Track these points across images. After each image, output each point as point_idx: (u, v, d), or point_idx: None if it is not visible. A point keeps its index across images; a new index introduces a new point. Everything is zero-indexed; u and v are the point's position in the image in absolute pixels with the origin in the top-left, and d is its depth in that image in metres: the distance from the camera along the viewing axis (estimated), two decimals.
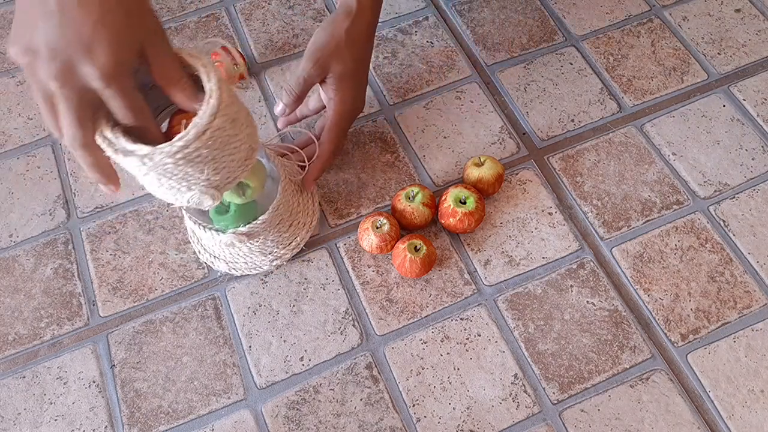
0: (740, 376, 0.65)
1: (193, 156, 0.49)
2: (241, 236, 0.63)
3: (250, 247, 0.67)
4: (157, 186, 0.51)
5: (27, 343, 0.68)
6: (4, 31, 0.90)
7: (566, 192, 0.75)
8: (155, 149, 0.47)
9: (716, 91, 0.82)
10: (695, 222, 0.73)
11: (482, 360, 0.66)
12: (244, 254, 0.68)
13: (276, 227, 0.67)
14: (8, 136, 0.81)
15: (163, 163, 0.48)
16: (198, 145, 0.48)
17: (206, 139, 0.48)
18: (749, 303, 0.69)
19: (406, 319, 0.68)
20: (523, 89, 0.83)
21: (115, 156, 0.48)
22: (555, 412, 0.64)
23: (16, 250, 0.74)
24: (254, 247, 0.67)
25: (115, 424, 0.64)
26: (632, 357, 0.66)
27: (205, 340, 0.68)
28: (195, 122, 0.48)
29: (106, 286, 0.71)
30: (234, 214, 0.62)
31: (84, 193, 0.77)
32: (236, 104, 0.52)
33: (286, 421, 0.64)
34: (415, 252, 0.67)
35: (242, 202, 0.62)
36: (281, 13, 0.89)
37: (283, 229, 0.68)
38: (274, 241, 0.68)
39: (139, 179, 0.52)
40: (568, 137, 0.79)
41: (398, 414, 0.64)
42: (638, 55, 0.85)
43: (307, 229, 0.71)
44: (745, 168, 0.77)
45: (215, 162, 0.51)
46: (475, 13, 0.89)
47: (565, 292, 0.70)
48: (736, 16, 0.88)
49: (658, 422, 0.63)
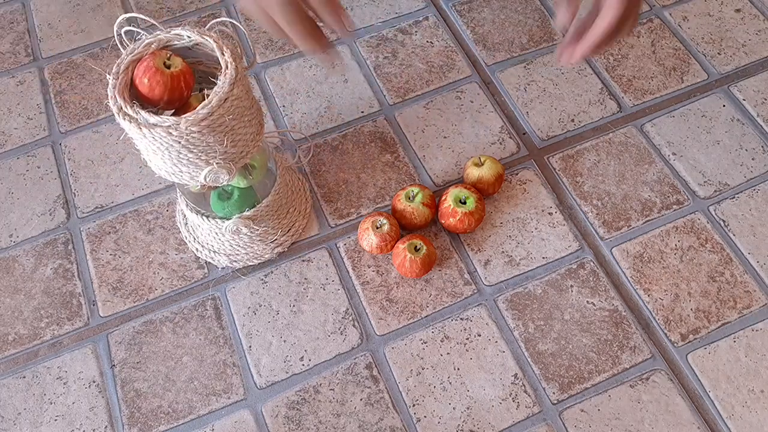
0: (740, 376, 0.65)
1: (216, 124, 0.52)
2: (246, 220, 0.65)
3: (251, 236, 0.68)
4: (176, 161, 0.54)
5: (27, 343, 0.68)
6: (4, 31, 0.90)
7: (566, 192, 0.75)
8: (180, 119, 0.51)
9: (716, 91, 0.82)
10: (695, 222, 0.73)
11: (482, 360, 0.66)
12: (245, 243, 0.69)
13: (276, 212, 0.69)
14: (8, 136, 0.81)
15: (189, 132, 0.51)
16: (221, 112, 0.52)
17: (228, 107, 0.52)
18: (749, 303, 0.69)
19: (406, 319, 0.68)
20: (523, 89, 0.83)
21: (138, 131, 0.51)
22: (555, 412, 0.64)
23: (16, 250, 0.74)
24: (255, 235, 0.68)
25: (115, 424, 0.64)
26: (632, 357, 0.66)
27: (205, 340, 0.68)
28: (215, 91, 0.52)
29: (106, 286, 0.71)
30: (237, 199, 0.65)
31: (84, 193, 0.77)
32: (246, 78, 0.56)
33: (286, 421, 0.64)
34: (416, 252, 0.67)
35: (246, 185, 0.64)
36: None
37: (282, 214, 0.70)
38: (274, 227, 0.69)
39: (155, 161, 0.55)
40: (568, 137, 0.79)
41: (398, 414, 0.64)
42: (638, 55, 0.85)
43: (303, 215, 0.72)
44: (745, 168, 0.77)
45: (233, 133, 0.54)
46: (475, 13, 0.89)
47: (565, 292, 0.70)
48: (736, 16, 0.88)
49: (658, 422, 0.63)
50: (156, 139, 0.51)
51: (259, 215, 0.66)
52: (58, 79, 0.85)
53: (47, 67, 0.86)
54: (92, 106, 0.83)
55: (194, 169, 0.55)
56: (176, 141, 0.52)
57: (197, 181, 0.56)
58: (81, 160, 0.79)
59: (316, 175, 0.77)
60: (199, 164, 0.55)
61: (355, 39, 0.87)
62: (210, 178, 0.55)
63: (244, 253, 0.70)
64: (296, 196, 0.72)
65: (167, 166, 0.55)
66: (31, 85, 0.85)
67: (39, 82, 0.85)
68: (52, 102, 0.83)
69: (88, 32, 0.89)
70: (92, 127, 0.81)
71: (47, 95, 0.84)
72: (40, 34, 0.89)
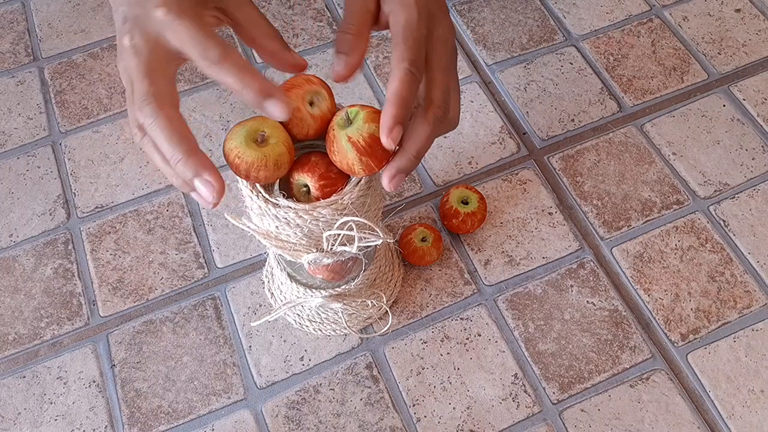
0: (740, 376, 0.65)
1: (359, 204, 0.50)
2: (331, 298, 0.61)
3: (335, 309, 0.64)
4: (299, 237, 0.51)
5: (27, 342, 0.68)
6: (4, 31, 0.90)
7: (566, 192, 0.75)
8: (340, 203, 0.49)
9: (716, 91, 0.82)
10: (695, 222, 0.73)
11: (482, 360, 0.66)
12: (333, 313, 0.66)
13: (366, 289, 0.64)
14: (8, 136, 0.81)
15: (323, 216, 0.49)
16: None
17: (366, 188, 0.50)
18: (749, 303, 0.69)
19: (406, 318, 0.68)
20: (523, 89, 0.83)
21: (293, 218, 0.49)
22: (555, 412, 0.64)
23: (16, 250, 0.74)
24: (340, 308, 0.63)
25: (115, 424, 0.64)
26: (632, 357, 0.66)
27: (205, 339, 0.68)
28: (353, 180, 0.50)
29: (106, 286, 0.71)
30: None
31: (84, 193, 0.77)
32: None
33: (286, 420, 0.64)
34: (423, 242, 0.68)
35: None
36: (281, 13, 0.89)
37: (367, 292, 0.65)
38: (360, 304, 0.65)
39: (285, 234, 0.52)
40: (568, 137, 0.79)
41: (398, 414, 0.64)
42: (638, 55, 0.85)
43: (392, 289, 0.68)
44: (745, 168, 0.77)
45: (367, 212, 0.52)
46: (475, 13, 0.89)
47: (565, 292, 0.70)
48: (736, 16, 0.88)
49: (658, 422, 0.63)
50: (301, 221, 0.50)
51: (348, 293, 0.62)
52: (58, 79, 0.85)
53: (47, 67, 0.86)
54: (92, 106, 0.83)
55: (309, 247, 0.52)
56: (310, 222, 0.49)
57: (302, 260, 0.53)
58: (81, 160, 0.79)
59: None
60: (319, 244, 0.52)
61: None
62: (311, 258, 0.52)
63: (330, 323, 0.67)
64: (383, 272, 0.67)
65: (282, 242, 0.52)
66: (31, 85, 0.85)
67: (39, 82, 0.85)
68: (52, 102, 0.83)
69: (88, 32, 0.89)
70: (92, 127, 0.81)
71: (47, 95, 0.84)
72: (40, 34, 0.89)
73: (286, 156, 0.48)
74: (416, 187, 0.76)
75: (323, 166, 0.50)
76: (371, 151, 0.47)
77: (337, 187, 0.50)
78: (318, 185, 0.50)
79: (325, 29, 0.88)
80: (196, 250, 0.73)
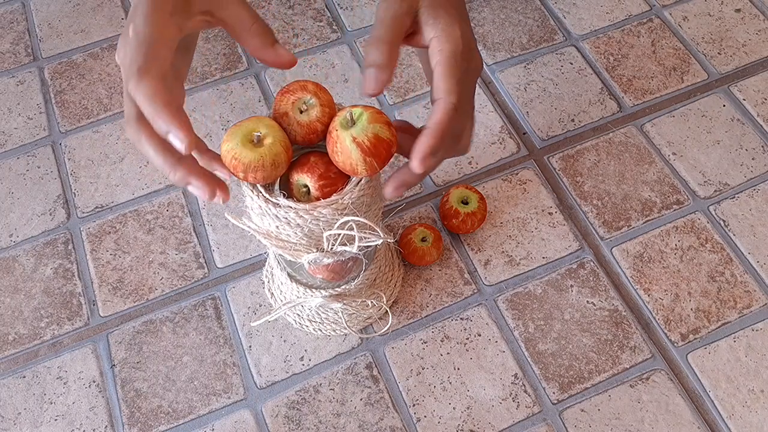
0: (740, 376, 0.65)
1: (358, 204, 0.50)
2: (331, 298, 0.61)
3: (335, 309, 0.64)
4: (299, 237, 0.51)
5: (27, 342, 0.68)
6: (4, 31, 0.90)
7: (566, 192, 0.75)
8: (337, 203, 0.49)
9: (716, 91, 0.82)
10: (695, 222, 0.73)
11: (482, 360, 0.66)
12: (333, 312, 0.65)
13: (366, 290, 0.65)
14: (8, 136, 0.81)
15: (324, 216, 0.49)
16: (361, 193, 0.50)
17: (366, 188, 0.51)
18: (749, 303, 0.69)
19: (406, 318, 0.68)
20: (523, 89, 0.83)
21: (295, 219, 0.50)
22: (555, 412, 0.64)
23: (16, 250, 0.74)
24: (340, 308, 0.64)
25: (115, 423, 0.64)
26: (632, 357, 0.66)
27: (205, 339, 0.68)
28: (354, 180, 0.50)
29: (106, 286, 0.71)
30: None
31: (84, 193, 0.77)
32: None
33: (286, 420, 0.64)
34: (423, 242, 0.68)
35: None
36: (281, 13, 0.89)
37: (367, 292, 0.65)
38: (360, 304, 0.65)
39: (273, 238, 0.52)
40: (568, 137, 0.79)
41: (398, 414, 0.64)
42: (638, 54, 0.85)
43: (392, 289, 0.68)
44: (745, 168, 0.77)
45: (368, 211, 0.52)
46: (475, 13, 0.89)
47: (565, 292, 0.70)
48: (736, 16, 0.88)
49: (658, 422, 0.63)
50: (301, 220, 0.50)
51: (348, 293, 0.62)
52: (58, 79, 0.85)
53: (47, 67, 0.86)
54: (92, 106, 0.83)
55: (311, 246, 0.52)
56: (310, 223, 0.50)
57: (302, 260, 0.53)
58: (81, 160, 0.79)
59: None
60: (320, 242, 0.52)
61: (355, 39, 0.87)
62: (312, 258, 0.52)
63: (330, 322, 0.67)
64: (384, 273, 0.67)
65: (283, 242, 0.52)
66: (31, 85, 0.85)
67: (39, 82, 0.85)
68: (52, 102, 0.83)
69: (88, 32, 0.89)
70: (92, 127, 0.81)
71: (47, 95, 0.84)
72: (40, 34, 0.89)
73: (283, 155, 0.48)
74: (416, 187, 0.76)
75: (323, 166, 0.50)
76: (376, 152, 0.47)
77: (337, 187, 0.50)
78: (318, 185, 0.50)
79: (325, 29, 0.88)
80: (196, 250, 0.73)
